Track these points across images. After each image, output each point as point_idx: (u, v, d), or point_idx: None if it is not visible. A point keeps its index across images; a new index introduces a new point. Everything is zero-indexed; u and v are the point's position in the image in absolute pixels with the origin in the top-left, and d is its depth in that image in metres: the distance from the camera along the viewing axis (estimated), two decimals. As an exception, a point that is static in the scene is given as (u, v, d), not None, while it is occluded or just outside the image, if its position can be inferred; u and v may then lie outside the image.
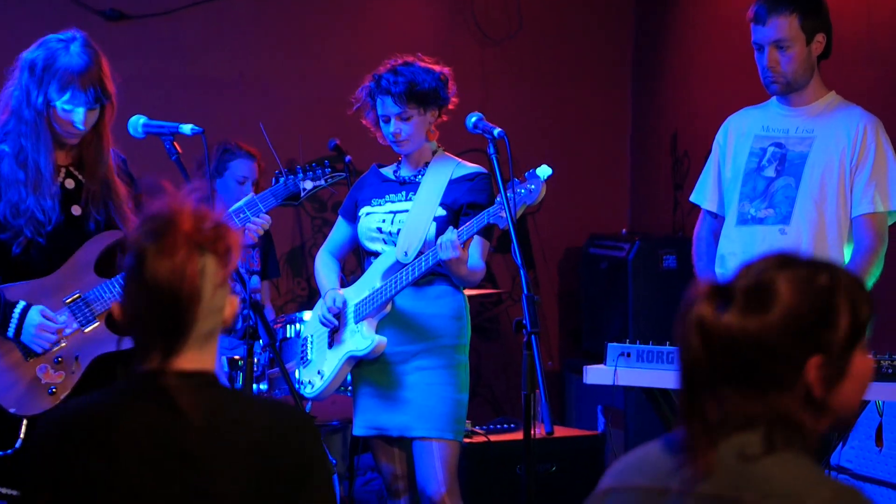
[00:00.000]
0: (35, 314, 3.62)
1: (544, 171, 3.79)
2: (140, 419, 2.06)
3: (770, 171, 4.15)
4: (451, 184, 4.14)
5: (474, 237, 3.99)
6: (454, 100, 4.17)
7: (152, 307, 2.07)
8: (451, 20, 6.81)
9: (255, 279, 5.53)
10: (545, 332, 6.95)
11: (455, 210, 4.11)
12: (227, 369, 4.69)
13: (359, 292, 4.18)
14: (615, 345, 4.08)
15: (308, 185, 4.04)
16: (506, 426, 5.42)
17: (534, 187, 3.78)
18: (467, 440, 5.04)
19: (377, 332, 4.13)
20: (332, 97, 4.82)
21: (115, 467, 2.03)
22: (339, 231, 4.36)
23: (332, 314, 4.18)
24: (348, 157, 5.53)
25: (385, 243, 4.16)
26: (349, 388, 4.33)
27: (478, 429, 5.28)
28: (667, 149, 6.83)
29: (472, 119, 3.89)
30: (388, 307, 4.13)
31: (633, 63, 7.14)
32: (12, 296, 3.65)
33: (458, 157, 4.24)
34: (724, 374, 1.84)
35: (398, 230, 4.13)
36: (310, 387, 4.26)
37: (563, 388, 6.73)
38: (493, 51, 6.86)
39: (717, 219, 4.29)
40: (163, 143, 3.83)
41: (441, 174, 4.16)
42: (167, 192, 2.12)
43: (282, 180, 4.02)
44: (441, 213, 4.11)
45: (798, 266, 1.86)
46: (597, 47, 7.08)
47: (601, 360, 4.12)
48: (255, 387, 4.56)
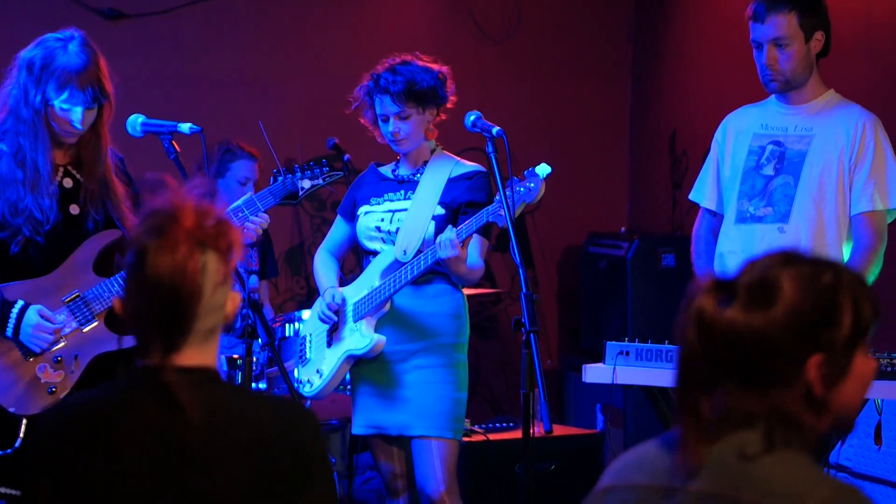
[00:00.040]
0: (33, 314, 3.62)
1: (543, 169, 3.79)
2: (140, 415, 2.06)
3: (769, 170, 4.15)
4: (450, 182, 4.14)
5: (473, 236, 3.98)
6: (453, 98, 4.17)
7: (153, 303, 2.06)
8: (450, 19, 6.80)
9: (254, 278, 5.52)
10: (544, 330, 6.94)
11: (454, 209, 4.10)
12: (226, 368, 4.69)
13: (357, 291, 4.18)
14: (614, 343, 4.07)
15: (306, 184, 4.04)
16: (505, 425, 5.42)
17: (533, 186, 3.78)
18: (466, 439, 5.04)
19: (376, 330, 4.13)
20: (332, 95, 4.82)
21: (115, 463, 2.03)
22: (337, 230, 4.36)
23: (331, 310, 4.18)
24: (347, 156, 5.52)
25: (384, 242, 4.16)
26: (348, 387, 4.33)
27: (477, 427, 5.28)
28: (665, 147, 6.83)
29: (471, 118, 3.89)
30: (387, 306, 4.13)
31: (631, 62, 7.14)
32: (11, 295, 3.64)
33: (456, 156, 4.23)
34: (724, 370, 1.84)
35: (397, 229, 4.12)
36: (308, 385, 4.25)
37: (562, 387, 6.73)
38: (491, 49, 6.86)
39: (716, 217, 4.29)
40: (161, 142, 3.83)
41: (440, 173, 4.16)
42: (170, 188, 2.11)
43: (280, 179, 4.02)
44: (440, 211, 4.10)
45: (802, 264, 1.86)
46: (596, 46, 7.08)
47: (600, 358, 4.12)
48: (253, 385, 4.56)
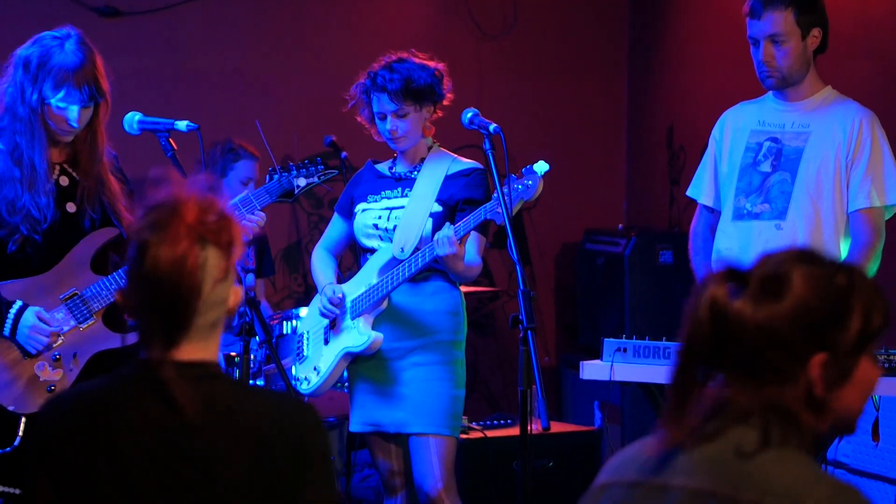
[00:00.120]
0: (30, 315, 3.62)
1: (541, 166, 3.79)
2: (139, 411, 2.05)
3: (766, 166, 4.14)
4: (447, 180, 4.13)
5: (471, 233, 3.98)
6: (449, 95, 4.16)
7: (153, 298, 2.06)
8: (446, 16, 6.80)
9: (251, 277, 5.52)
10: (542, 327, 6.94)
11: (451, 206, 4.10)
12: (223, 366, 4.69)
13: (355, 288, 4.17)
14: (612, 340, 4.07)
15: (301, 182, 4.04)
16: (502, 422, 5.42)
17: (531, 183, 3.78)
18: (464, 436, 5.04)
19: (374, 328, 4.12)
20: (329, 93, 4.82)
21: (113, 456, 2.02)
22: (334, 227, 4.36)
23: (333, 304, 4.16)
24: (344, 154, 5.52)
25: (381, 240, 4.16)
26: (345, 385, 4.33)
27: (474, 425, 5.28)
28: (663, 144, 6.83)
29: (468, 115, 3.88)
30: (385, 303, 4.12)
31: (628, 58, 7.14)
32: (8, 294, 3.64)
33: (453, 153, 4.23)
34: (727, 359, 1.84)
35: (394, 226, 4.12)
36: (306, 383, 4.25)
37: (560, 384, 6.73)
38: (488, 46, 6.86)
39: (714, 213, 4.29)
40: (158, 140, 3.83)
41: (437, 170, 4.15)
42: (172, 182, 2.10)
43: (275, 178, 4.02)
44: (437, 209, 4.10)
45: (818, 263, 1.86)
46: (592, 42, 7.08)
47: (598, 355, 4.11)
48: (251, 383, 4.56)
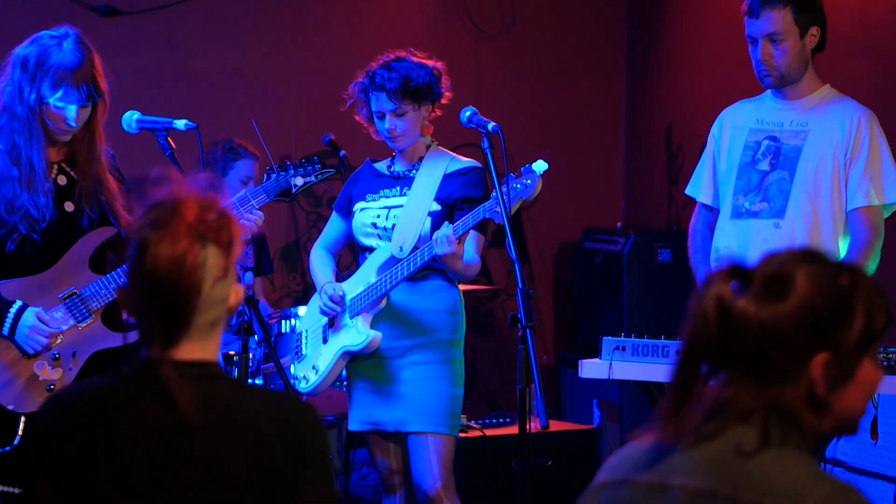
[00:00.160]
0: (30, 315, 3.62)
1: (540, 166, 3.79)
2: (138, 411, 2.05)
3: (764, 165, 4.15)
4: (446, 178, 4.13)
5: (470, 232, 3.98)
6: (448, 94, 4.16)
7: (153, 297, 2.05)
8: (445, 15, 6.80)
9: (249, 275, 5.52)
10: (540, 326, 6.94)
11: (450, 205, 4.10)
12: (222, 365, 4.68)
13: (354, 287, 4.17)
14: (610, 339, 4.07)
15: (299, 181, 4.03)
16: (501, 421, 5.42)
17: (530, 182, 3.78)
18: (463, 435, 5.04)
19: (372, 326, 4.12)
20: (327, 92, 4.81)
21: (112, 455, 2.02)
22: (333, 226, 4.36)
23: (334, 302, 4.16)
24: (343, 153, 5.52)
25: (380, 238, 4.16)
26: (344, 384, 4.33)
27: (473, 423, 5.28)
28: (661, 142, 6.83)
29: (467, 113, 3.88)
30: (384, 302, 4.12)
31: (627, 57, 7.13)
32: (7, 293, 3.64)
33: (452, 152, 4.23)
34: (729, 358, 1.84)
35: (393, 225, 4.12)
36: (304, 382, 4.25)
37: (559, 383, 6.73)
38: (487, 45, 6.86)
39: (713, 212, 4.29)
40: (157, 139, 3.83)
41: (435, 169, 4.15)
42: (173, 180, 2.10)
43: (273, 177, 4.02)
44: (436, 207, 4.10)
45: (822, 263, 1.86)
46: (591, 41, 7.08)
47: (596, 354, 4.12)
48: (249, 382, 4.56)
